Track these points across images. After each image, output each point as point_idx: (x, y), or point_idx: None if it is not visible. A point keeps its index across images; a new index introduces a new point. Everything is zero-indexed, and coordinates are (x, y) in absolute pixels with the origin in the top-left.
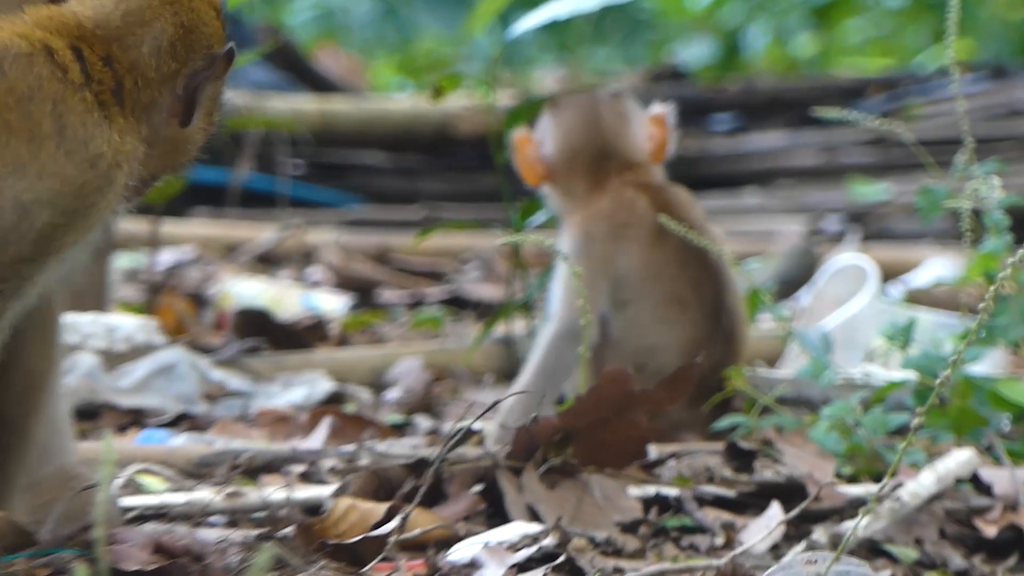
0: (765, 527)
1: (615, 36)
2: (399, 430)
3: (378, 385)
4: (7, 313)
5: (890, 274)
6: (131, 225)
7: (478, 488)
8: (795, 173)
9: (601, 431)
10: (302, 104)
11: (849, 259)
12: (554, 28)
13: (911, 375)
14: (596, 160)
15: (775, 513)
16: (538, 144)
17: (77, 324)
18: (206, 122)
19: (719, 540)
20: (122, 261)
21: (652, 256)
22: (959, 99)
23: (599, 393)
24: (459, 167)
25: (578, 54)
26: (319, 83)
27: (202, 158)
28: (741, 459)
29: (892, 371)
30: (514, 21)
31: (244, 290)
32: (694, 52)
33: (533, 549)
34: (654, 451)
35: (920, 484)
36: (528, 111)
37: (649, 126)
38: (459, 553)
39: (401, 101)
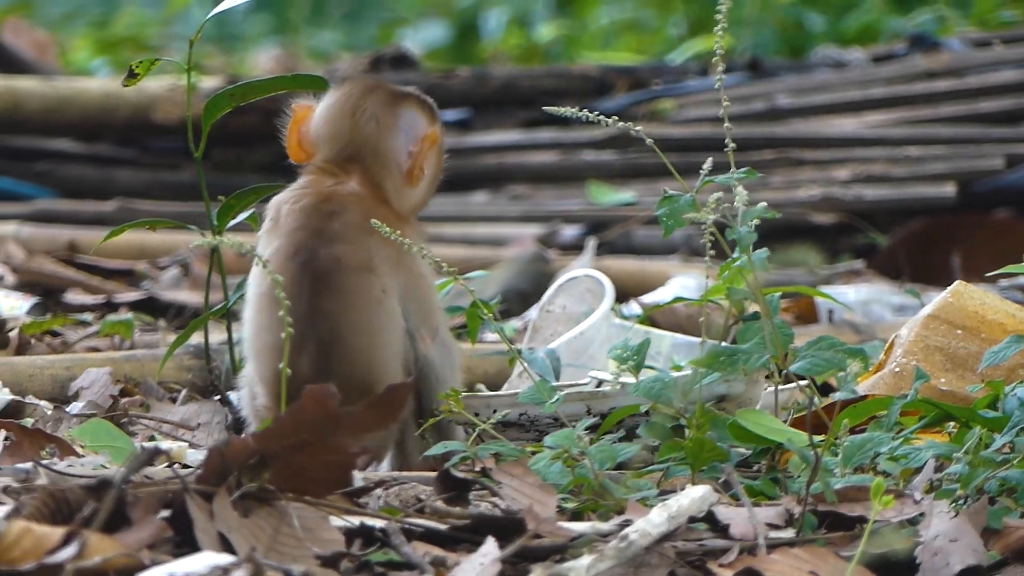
0: (479, 565)
1: (338, 16)
2: None
3: (61, 397)
4: None
5: (630, 290)
6: None
7: (165, 513)
8: (530, 174)
9: (301, 455)
10: None
11: (583, 271)
12: (272, 6)
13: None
14: (341, 155)
15: (490, 550)
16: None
17: None
18: None
19: None
20: None
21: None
22: (722, 94)
23: (299, 414)
24: (158, 157)
25: (298, 35)
26: (5, 61)
27: None
28: (455, 489)
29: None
30: None
31: None
32: (425, 36)
33: None
34: (359, 478)
35: (650, 522)
36: (231, 98)
37: (418, 141)
38: None
39: (95, 82)
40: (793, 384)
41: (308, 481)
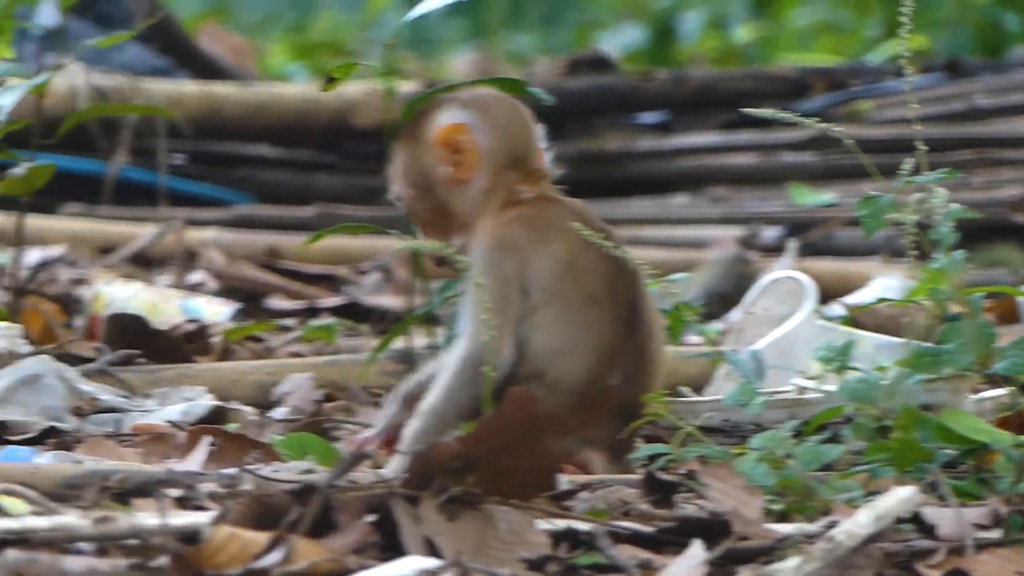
0: (686, 567)
1: (535, 19)
2: None
3: (264, 402)
4: None
5: (832, 291)
6: None
7: (371, 518)
8: (729, 176)
9: (506, 458)
10: (184, 89)
11: (785, 273)
12: (468, 10)
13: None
14: (521, 164)
15: (697, 552)
16: (475, 135)
17: None
18: None
19: None
20: None
21: (568, 260)
22: (909, 98)
23: (504, 417)
24: (357, 162)
25: (494, 39)
26: (203, 66)
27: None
28: (661, 492)
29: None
30: (424, 1)
31: (118, 293)
32: (622, 38)
33: None
34: (565, 481)
35: (857, 523)
36: (429, 101)
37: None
38: None
39: (293, 87)
40: (998, 390)
41: (513, 484)
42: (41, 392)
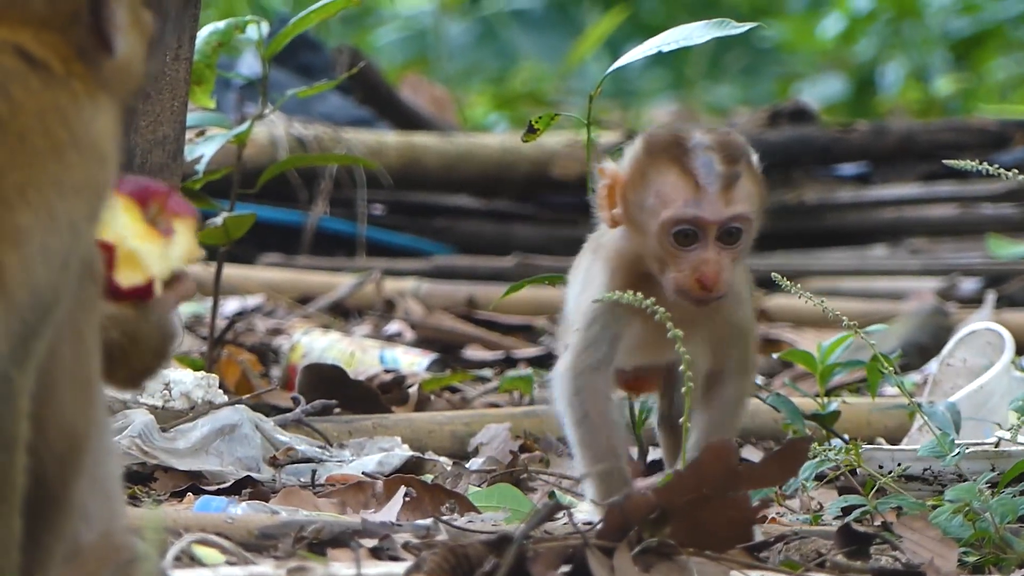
0: None
1: (735, 70)
2: None
3: (460, 453)
4: (35, 349)
5: None
6: (192, 269)
7: (566, 569)
8: (928, 228)
9: (702, 510)
10: (384, 139)
11: (983, 325)
12: (669, 61)
13: None
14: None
15: None
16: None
17: None
18: (139, 35)
19: None
20: (183, 309)
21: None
22: None
23: (700, 468)
24: (556, 212)
25: (694, 89)
26: (404, 117)
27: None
28: (856, 544)
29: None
30: (625, 52)
31: (315, 343)
32: (823, 90)
33: None
34: (760, 533)
35: None
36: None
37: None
38: None
39: (493, 138)
40: None
41: (709, 536)
42: (237, 442)
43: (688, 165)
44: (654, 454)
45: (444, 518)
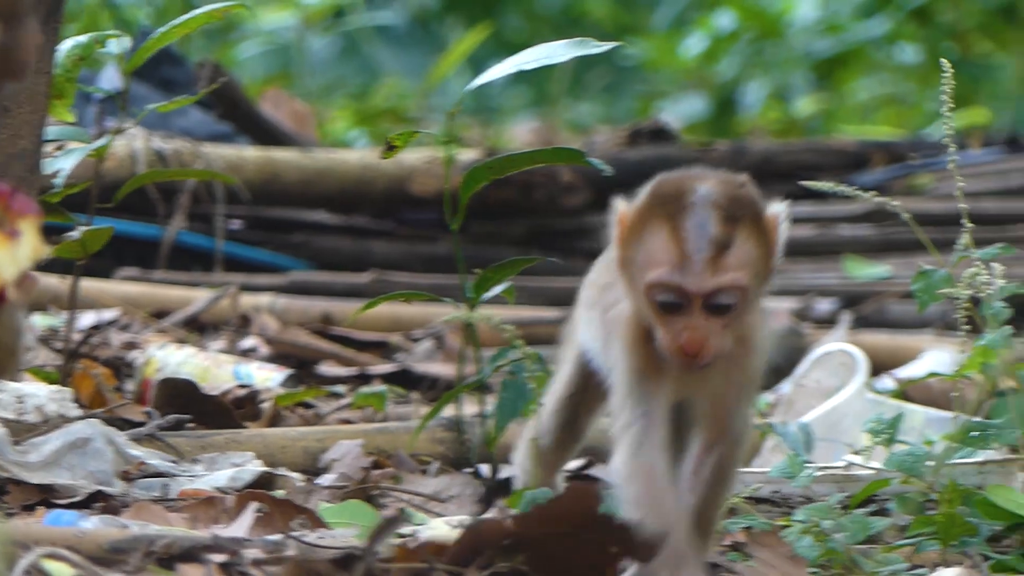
0: None
1: (597, 88)
2: None
3: (312, 469)
4: None
5: (883, 364)
6: (48, 282)
7: None
8: (787, 248)
9: (559, 545)
10: (244, 154)
11: (837, 346)
12: (531, 79)
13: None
14: None
15: None
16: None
17: None
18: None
19: None
20: (36, 322)
21: None
22: (955, 173)
23: (562, 505)
24: (414, 229)
25: (556, 107)
26: (264, 132)
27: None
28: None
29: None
30: (487, 69)
31: (170, 358)
32: (684, 109)
33: None
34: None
35: None
36: (489, 170)
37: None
38: None
39: (353, 154)
40: None
41: (564, 571)
42: (89, 456)
43: (679, 225)
44: (506, 471)
45: (294, 534)
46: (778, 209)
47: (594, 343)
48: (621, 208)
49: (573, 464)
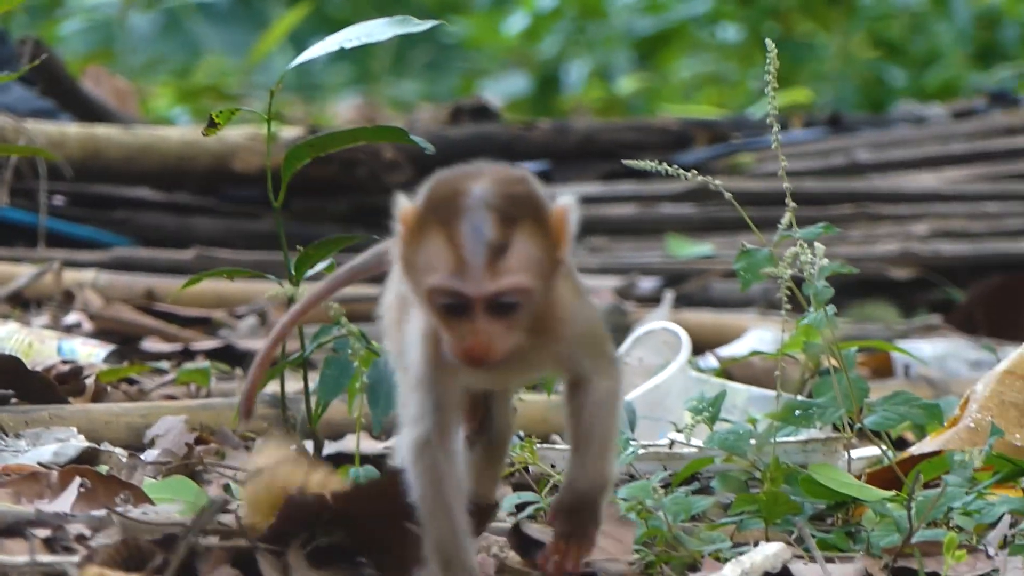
0: None
1: (420, 66)
2: None
3: (136, 444)
4: None
5: (707, 342)
6: None
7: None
8: (609, 227)
9: (378, 525)
10: (66, 131)
11: (660, 324)
12: (354, 56)
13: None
14: None
15: None
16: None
17: None
18: None
19: None
20: None
21: None
22: (779, 152)
23: (379, 488)
24: (237, 206)
25: (379, 84)
26: (86, 109)
27: None
28: (525, 545)
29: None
30: (310, 47)
31: None
32: (506, 87)
33: None
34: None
35: None
36: (311, 148)
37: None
38: None
39: (175, 131)
40: (871, 448)
41: (381, 551)
42: None
43: (456, 230)
44: (330, 447)
45: (118, 509)
46: (565, 202)
47: (389, 324)
48: (403, 206)
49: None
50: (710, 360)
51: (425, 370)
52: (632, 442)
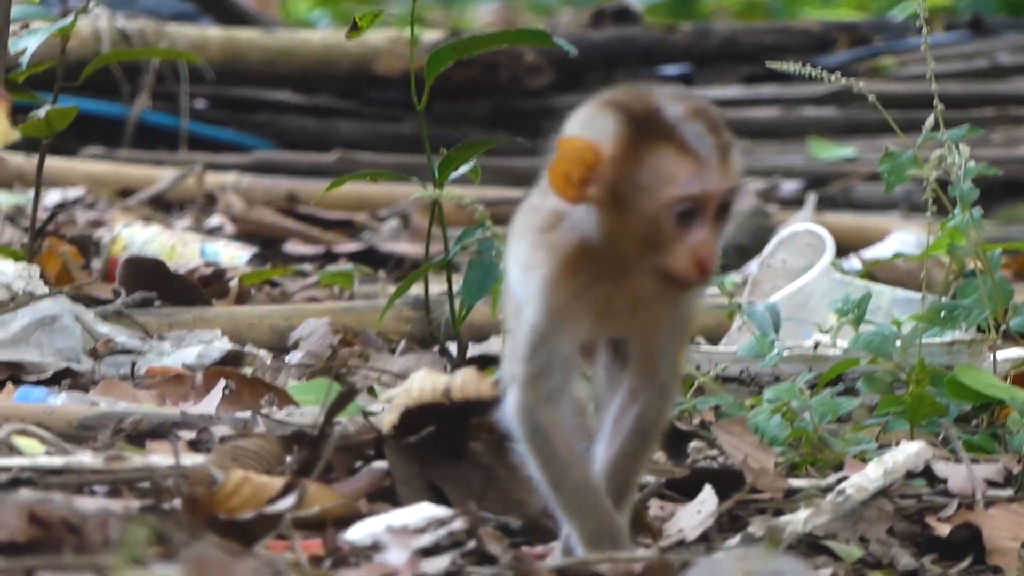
0: (697, 513)
1: None
2: None
3: (280, 346)
4: None
5: (850, 245)
6: (14, 160)
7: (380, 465)
8: (751, 129)
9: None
10: (207, 34)
11: (803, 226)
12: None
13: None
14: None
15: (708, 500)
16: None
17: None
18: None
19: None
20: (2, 200)
21: None
22: (926, 54)
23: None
24: (379, 109)
25: None
26: (227, 11)
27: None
28: (674, 442)
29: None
30: None
31: (137, 236)
32: None
33: (441, 533)
34: None
35: (867, 477)
36: (453, 51)
37: None
38: (359, 533)
39: (316, 34)
40: (1016, 349)
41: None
42: (57, 333)
43: (685, 139)
44: (474, 350)
45: (262, 411)
46: None
47: (514, 273)
48: (582, 142)
49: None
50: (853, 262)
51: (547, 323)
52: (777, 344)
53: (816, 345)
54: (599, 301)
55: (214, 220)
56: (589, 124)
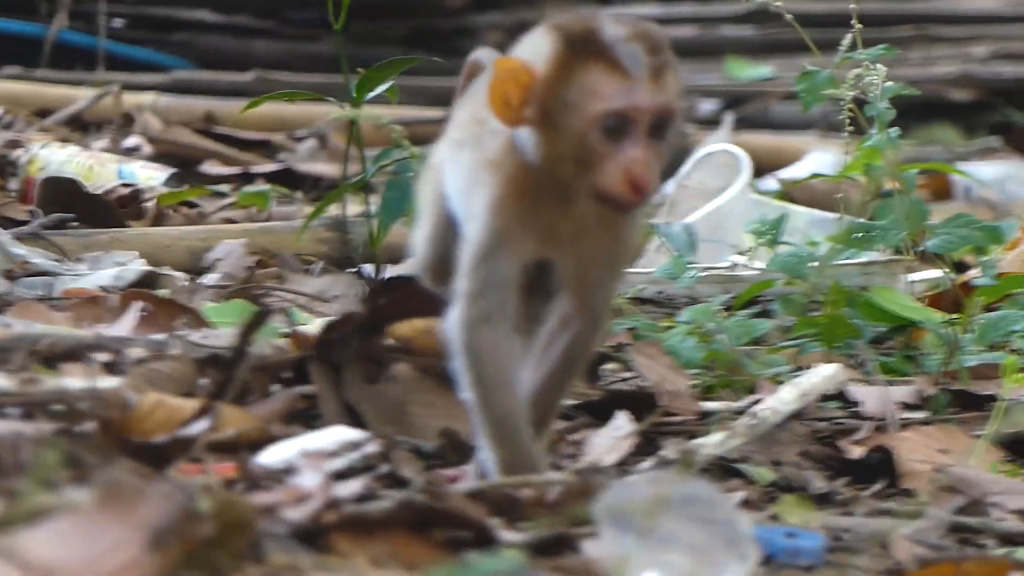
0: (611, 439)
1: None
2: None
3: (196, 268)
4: None
5: (766, 165)
6: None
7: (296, 388)
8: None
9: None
10: None
11: (720, 146)
12: None
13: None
14: None
15: (622, 424)
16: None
17: None
18: None
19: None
20: None
21: None
22: None
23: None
24: (298, 28)
25: None
26: None
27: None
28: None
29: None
30: None
31: (53, 157)
32: None
33: (355, 456)
34: None
35: (781, 400)
36: None
37: None
38: (272, 456)
39: None
40: (932, 271)
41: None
42: None
43: (615, 56)
44: (391, 271)
45: (178, 333)
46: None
47: (456, 188)
48: (517, 63)
49: None
50: (770, 182)
51: (491, 242)
52: (693, 264)
53: (732, 266)
54: (543, 225)
55: (131, 140)
56: (528, 46)
